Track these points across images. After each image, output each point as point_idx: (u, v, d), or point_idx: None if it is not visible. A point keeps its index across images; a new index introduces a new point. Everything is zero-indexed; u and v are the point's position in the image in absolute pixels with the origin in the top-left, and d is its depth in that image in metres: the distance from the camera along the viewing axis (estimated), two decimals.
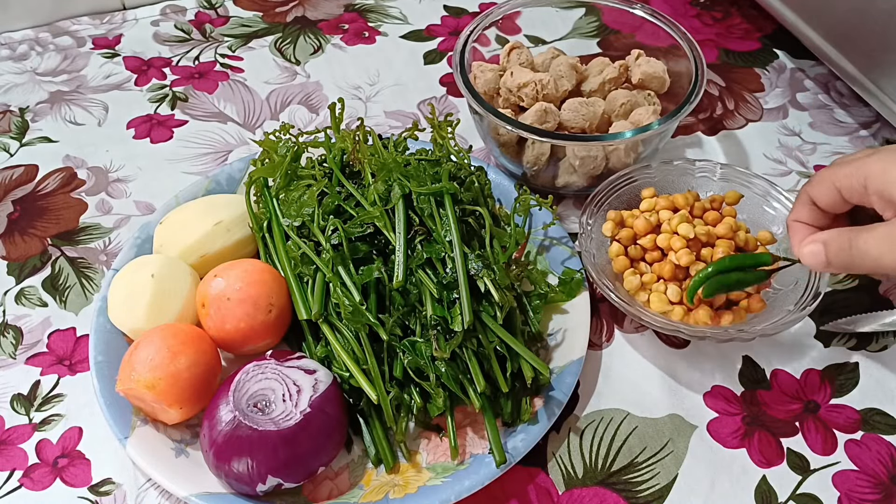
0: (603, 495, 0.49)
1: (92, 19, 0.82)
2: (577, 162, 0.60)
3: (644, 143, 0.61)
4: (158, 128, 0.71)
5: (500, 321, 0.50)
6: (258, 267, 0.53)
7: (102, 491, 0.50)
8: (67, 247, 0.63)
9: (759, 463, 0.51)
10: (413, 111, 0.73)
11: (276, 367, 0.48)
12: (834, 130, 0.71)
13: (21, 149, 0.70)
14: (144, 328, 0.51)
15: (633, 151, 0.61)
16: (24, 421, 0.53)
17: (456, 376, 0.48)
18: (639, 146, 0.61)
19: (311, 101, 0.74)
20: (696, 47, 0.63)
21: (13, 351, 0.57)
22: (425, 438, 0.51)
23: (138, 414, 0.50)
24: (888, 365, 0.55)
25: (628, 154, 0.61)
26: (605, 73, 0.64)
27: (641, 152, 0.61)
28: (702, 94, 0.60)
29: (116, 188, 0.67)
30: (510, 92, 0.63)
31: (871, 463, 0.51)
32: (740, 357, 0.56)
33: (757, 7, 0.79)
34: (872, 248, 0.43)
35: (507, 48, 0.67)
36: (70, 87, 0.75)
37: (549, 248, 0.59)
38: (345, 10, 0.83)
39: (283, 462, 0.45)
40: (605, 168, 0.61)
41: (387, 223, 0.53)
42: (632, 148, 0.61)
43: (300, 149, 0.59)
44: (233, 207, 0.57)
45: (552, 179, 0.63)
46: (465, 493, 0.47)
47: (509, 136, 0.61)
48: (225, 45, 0.79)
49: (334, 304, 0.51)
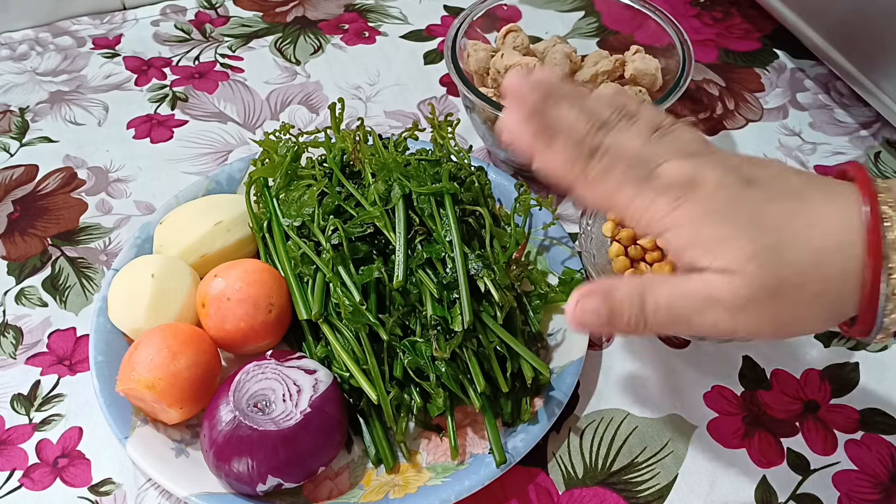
0: (603, 495, 0.49)
1: (92, 19, 0.82)
2: None
3: None
4: (158, 128, 0.71)
5: (500, 321, 0.50)
6: (258, 267, 0.53)
7: (102, 491, 0.50)
8: (67, 247, 0.63)
9: (759, 463, 0.51)
10: (413, 111, 0.73)
11: (276, 367, 0.48)
12: (834, 130, 0.71)
13: (21, 149, 0.70)
14: (144, 328, 0.51)
15: None
16: (24, 421, 0.53)
17: (456, 376, 0.48)
18: None
19: (311, 101, 0.74)
20: (688, 43, 0.63)
21: (13, 351, 0.57)
22: (425, 438, 0.51)
23: (138, 414, 0.50)
24: (888, 365, 0.55)
25: None
26: (599, 65, 0.65)
27: None
28: (682, 90, 0.60)
29: (116, 188, 0.67)
30: (498, 73, 0.63)
31: (871, 463, 0.51)
32: (740, 357, 0.56)
33: (757, 7, 0.79)
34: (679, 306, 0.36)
35: (504, 30, 0.67)
36: (70, 87, 0.75)
37: (549, 248, 0.59)
38: (345, 10, 0.83)
39: (283, 462, 0.45)
40: None
41: (387, 223, 0.53)
42: None
43: (300, 149, 0.59)
44: (233, 207, 0.57)
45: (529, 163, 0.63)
46: (465, 493, 0.47)
47: (489, 115, 0.62)
48: (225, 45, 0.79)
49: (334, 304, 0.51)
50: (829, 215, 0.35)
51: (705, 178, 0.36)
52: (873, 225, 0.34)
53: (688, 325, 0.36)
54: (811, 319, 0.36)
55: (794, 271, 0.34)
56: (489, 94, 0.64)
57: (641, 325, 0.37)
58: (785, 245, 0.35)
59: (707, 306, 0.35)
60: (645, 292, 0.37)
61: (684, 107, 0.73)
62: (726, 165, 0.37)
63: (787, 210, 0.35)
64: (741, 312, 0.35)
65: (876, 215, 0.34)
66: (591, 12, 0.78)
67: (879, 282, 0.34)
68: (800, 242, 0.35)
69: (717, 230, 0.35)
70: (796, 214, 0.35)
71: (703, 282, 0.35)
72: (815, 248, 0.34)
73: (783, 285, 0.34)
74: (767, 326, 0.36)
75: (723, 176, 0.36)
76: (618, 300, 0.37)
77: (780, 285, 0.34)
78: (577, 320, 0.38)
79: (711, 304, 0.35)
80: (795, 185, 0.36)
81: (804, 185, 0.36)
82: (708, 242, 0.35)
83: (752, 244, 0.35)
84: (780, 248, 0.34)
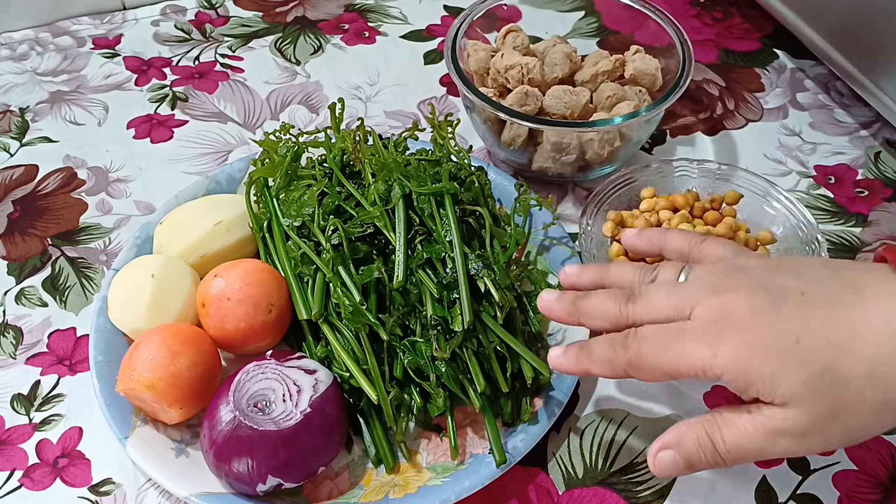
0: (603, 495, 0.49)
1: (92, 19, 0.82)
2: (549, 147, 0.61)
3: (622, 136, 0.61)
4: (158, 128, 0.71)
5: (500, 321, 0.50)
6: (258, 267, 0.53)
7: (102, 491, 0.50)
8: (67, 247, 0.63)
9: (759, 463, 0.51)
10: (413, 111, 0.73)
11: (276, 367, 0.48)
12: (834, 130, 0.71)
13: (21, 149, 0.70)
14: (144, 328, 0.51)
15: (609, 144, 0.61)
16: (24, 421, 0.53)
17: (456, 376, 0.48)
18: (615, 140, 0.61)
19: (311, 101, 0.74)
20: (688, 43, 0.63)
21: (13, 351, 0.57)
22: (425, 438, 0.51)
23: (138, 414, 0.50)
24: None
25: (602, 146, 0.61)
26: (599, 65, 0.65)
27: (618, 146, 0.62)
28: (682, 90, 0.60)
29: (116, 188, 0.67)
30: (498, 73, 0.64)
31: (871, 463, 0.51)
32: None
33: (757, 7, 0.79)
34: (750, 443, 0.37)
35: (504, 30, 0.67)
36: (70, 87, 0.75)
37: (549, 248, 0.59)
38: (345, 10, 0.83)
39: (283, 462, 0.45)
40: (581, 158, 0.62)
41: (387, 223, 0.53)
42: (607, 140, 0.61)
43: (300, 149, 0.59)
44: (233, 207, 0.57)
45: (529, 163, 0.64)
46: (465, 493, 0.47)
47: (488, 115, 0.62)
48: (225, 45, 0.79)
49: (334, 304, 0.51)
50: (875, 323, 0.35)
51: (736, 310, 0.37)
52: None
53: (761, 456, 0.37)
54: (881, 424, 0.36)
55: (848, 388, 0.35)
56: (489, 94, 0.64)
57: (720, 463, 0.38)
58: (836, 365, 0.35)
59: (775, 438, 0.36)
60: (714, 436, 0.38)
61: (684, 107, 0.73)
62: (749, 285, 0.38)
63: (827, 322, 0.35)
64: (808, 437, 0.36)
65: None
66: (591, 12, 0.78)
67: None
68: (850, 358, 0.35)
69: (766, 365, 0.36)
70: (836, 326, 0.35)
71: (765, 417, 0.36)
72: (866, 360, 0.34)
73: (841, 404, 0.35)
74: (837, 441, 0.37)
75: (751, 302, 0.37)
76: (690, 450, 0.38)
77: (837, 405, 0.35)
78: (660, 472, 0.40)
79: (779, 436, 0.36)
80: (834, 294, 0.36)
81: (846, 292, 0.36)
82: (762, 379, 0.36)
83: (803, 372, 0.35)
84: (831, 370, 0.35)
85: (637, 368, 0.39)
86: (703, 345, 0.37)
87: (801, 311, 0.36)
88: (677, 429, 0.39)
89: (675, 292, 0.40)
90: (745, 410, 0.37)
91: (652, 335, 0.39)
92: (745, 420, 0.37)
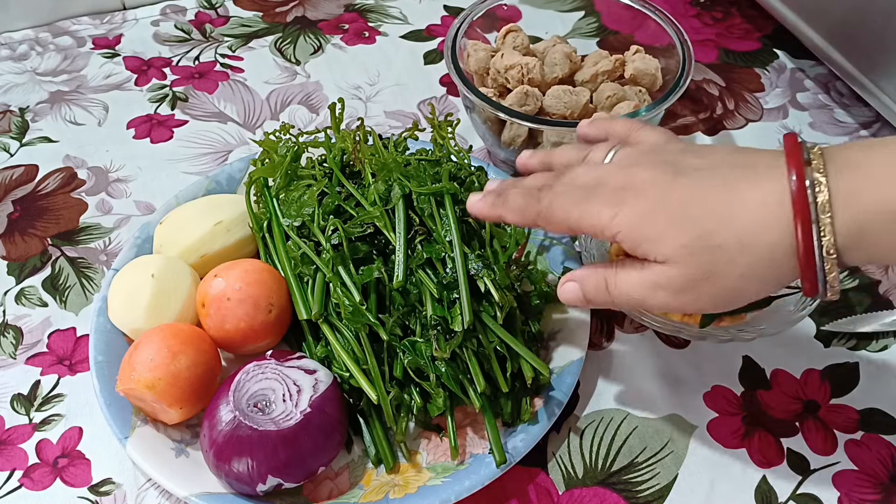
0: (603, 495, 0.49)
1: (92, 19, 0.82)
2: (549, 147, 0.61)
3: None
4: (158, 128, 0.71)
5: (500, 321, 0.50)
6: (258, 267, 0.53)
7: (102, 491, 0.50)
8: (67, 247, 0.63)
9: (759, 463, 0.51)
10: (413, 111, 0.73)
11: (276, 367, 0.48)
12: (834, 130, 0.71)
13: (21, 149, 0.70)
14: (144, 328, 0.51)
15: None
16: (24, 421, 0.53)
17: (456, 376, 0.48)
18: None
19: (311, 101, 0.74)
20: (688, 43, 0.63)
21: (13, 351, 0.57)
22: (425, 438, 0.51)
23: (138, 414, 0.50)
24: (888, 365, 0.55)
25: None
26: (599, 65, 0.65)
27: None
28: (682, 90, 0.60)
29: (116, 188, 0.67)
30: (498, 73, 0.64)
31: (871, 463, 0.51)
32: (740, 357, 0.56)
33: (757, 7, 0.79)
34: (633, 291, 0.42)
35: (504, 30, 0.68)
36: (70, 87, 0.75)
37: (549, 248, 0.59)
38: (345, 10, 0.83)
39: (283, 462, 0.45)
40: None
41: (387, 223, 0.53)
42: None
43: (300, 149, 0.59)
44: (233, 207, 0.57)
45: None
46: (465, 493, 0.47)
47: (488, 115, 0.62)
48: (225, 45, 0.79)
49: (334, 304, 0.51)
50: (752, 198, 0.39)
51: (638, 181, 0.41)
52: (798, 193, 0.37)
53: (643, 305, 0.43)
54: (748, 290, 0.40)
55: (721, 254, 0.39)
56: (489, 94, 0.64)
57: (610, 304, 0.44)
58: (712, 233, 0.39)
59: (654, 291, 0.41)
60: (609, 281, 0.43)
61: (684, 107, 0.73)
62: (658, 161, 0.42)
63: (714, 199, 0.39)
64: (682, 294, 0.41)
65: (801, 183, 0.37)
66: (591, 12, 0.78)
67: (812, 244, 0.37)
68: (724, 227, 0.39)
69: (654, 228, 0.40)
70: (721, 203, 0.39)
71: (649, 271, 0.41)
72: (738, 230, 0.39)
73: (713, 267, 0.39)
74: (708, 302, 0.41)
75: (653, 175, 0.41)
76: (588, 287, 0.44)
77: (710, 268, 0.39)
78: (564, 300, 0.46)
79: (658, 290, 0.41)
80: (727, 174, 0.40)
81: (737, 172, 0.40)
82: (649, 239, 0.40)
83: (683, 236, 0.40)
84: (707, 236, 0.39)
85: (546, 219, 0.44)
86: (606, 207, 0.41)
87: (695, 184, 0.40)
88: (585, 269, 0.45)
89: (592, 169, 0.44)
90: (637, 265, 0.42)
91: (564, 192, 0.44)
92: (635, 272, 0.42)
